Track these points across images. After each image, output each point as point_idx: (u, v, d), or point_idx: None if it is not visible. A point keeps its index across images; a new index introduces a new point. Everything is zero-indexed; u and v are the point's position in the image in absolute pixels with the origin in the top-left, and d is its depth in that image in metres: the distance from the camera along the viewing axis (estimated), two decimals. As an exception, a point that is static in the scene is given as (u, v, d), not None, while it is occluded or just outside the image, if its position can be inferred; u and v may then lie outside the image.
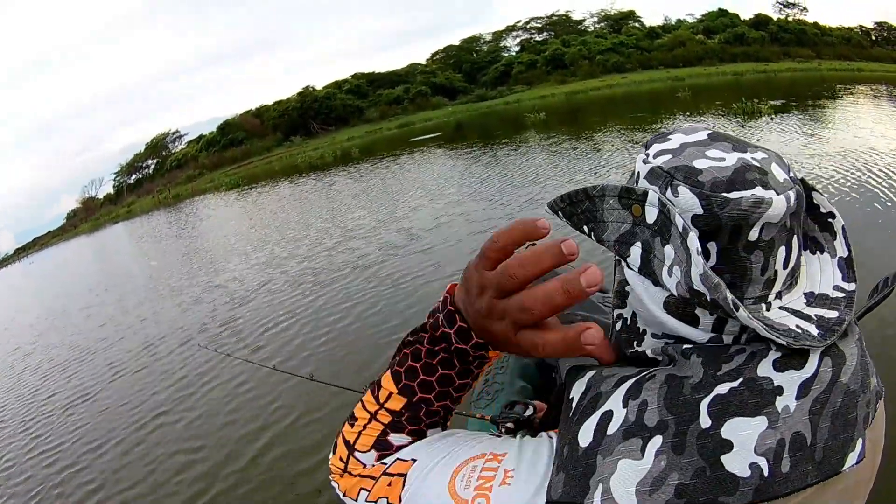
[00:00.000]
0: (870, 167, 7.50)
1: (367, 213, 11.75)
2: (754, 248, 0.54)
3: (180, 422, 4.67)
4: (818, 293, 0.61)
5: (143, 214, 33.65)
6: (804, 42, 48.08)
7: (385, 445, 0.76)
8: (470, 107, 47.36)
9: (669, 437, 0.51)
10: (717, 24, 51.15)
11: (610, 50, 51.82)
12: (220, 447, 4.05)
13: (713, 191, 0.53)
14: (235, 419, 4.41)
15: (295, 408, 4.25)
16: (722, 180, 0.54)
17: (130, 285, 11.89)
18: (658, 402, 0.53)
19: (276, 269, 9.06)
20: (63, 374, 6.93)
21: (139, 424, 4.81)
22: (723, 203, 0.52)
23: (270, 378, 4.60)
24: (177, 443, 4.32)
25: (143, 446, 4.43)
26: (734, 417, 0.50)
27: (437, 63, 59.39)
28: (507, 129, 22.88)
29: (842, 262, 0.63)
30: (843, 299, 0.59)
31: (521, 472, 0.60)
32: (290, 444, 3.84)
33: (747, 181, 0.54)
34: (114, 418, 5.13)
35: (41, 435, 5.24)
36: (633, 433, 0.53)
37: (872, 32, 49.88)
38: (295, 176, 26.05)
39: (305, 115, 55.80)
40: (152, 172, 58.90)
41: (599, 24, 56.80)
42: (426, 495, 0.65)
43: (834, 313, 0.57)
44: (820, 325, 0.55)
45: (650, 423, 0.53)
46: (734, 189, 0.53)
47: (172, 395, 5.24)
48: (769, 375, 0.51)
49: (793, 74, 34.08)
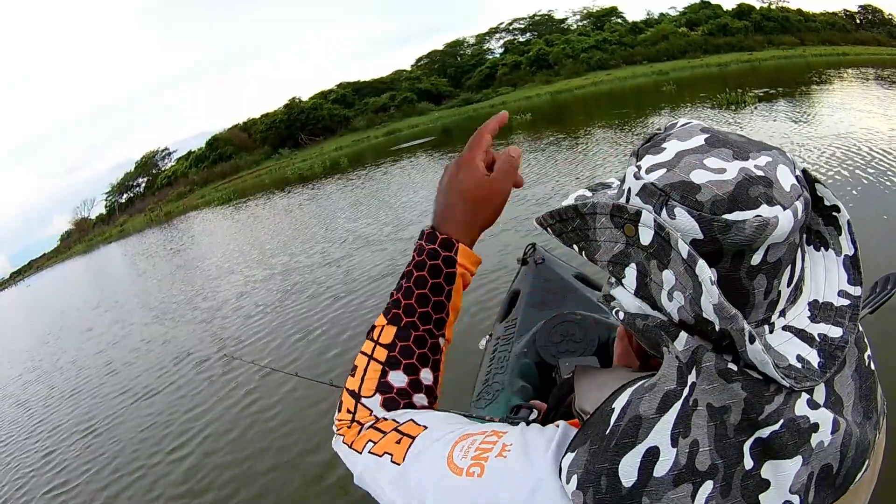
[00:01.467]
0: (854, 150, 7.71)
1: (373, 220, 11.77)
2: (757, 272, 0.52)
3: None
4: (822, 301, 0.59)
5: (136, 233, 33.60)
6: (788, 29, 48.24)
7: (387, 388, 0.80)
8: (456, 111, 47.49)
9: (719, 482, 0.50)
10: (699, 16, 51.22)
11: (593, 47, 51.92)
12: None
13: (714, 212, 0.50)
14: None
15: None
16: (723, 198, 0.50)
17: (139, 302, 11.79)
18: (709, 443, 0.51)
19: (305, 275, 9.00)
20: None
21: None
22: (724, 228, 0.50)
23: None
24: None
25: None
26: (773, 459, 0.51)
27: (422, 69, 59.60)
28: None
29: (847, 260, 0.60)
30: (847, 309, 0.58)
31: (517, 446, 0.61)
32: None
33: (750, 199, 0.50)
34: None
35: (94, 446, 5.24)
36: (685, 479, 0.51)
37: (857, 16, 50.13)
38: (287, 187, 26.16)
39: (293, 126, 55.83)
40: (143, 191, 58.82)
41: (582, 22, 56.94)
42: (426, 460, 0.67)
43: (838, 331, 0.56)
44: (822, 349, 0.55)
45: (702, 467, 0.51)
46: (736, 208, 0.50)
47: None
48: (806, 414, 0.51)
49: (777, 63, 34.28)
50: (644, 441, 0.51)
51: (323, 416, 4.26)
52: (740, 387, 0.50)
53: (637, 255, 0.55)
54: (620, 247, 0.56)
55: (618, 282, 0.59)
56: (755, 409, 0.50)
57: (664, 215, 0.52)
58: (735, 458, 0.50)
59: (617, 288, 0.59)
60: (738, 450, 0.50)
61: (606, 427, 0.54)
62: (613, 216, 0.56)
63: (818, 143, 8.63)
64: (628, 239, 0.55)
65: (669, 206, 0.52)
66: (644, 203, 0.54)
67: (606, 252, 0.57)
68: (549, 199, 8.83)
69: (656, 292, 0.54)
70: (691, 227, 0.50)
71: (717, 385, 0.51)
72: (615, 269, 0.57)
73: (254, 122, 58.28)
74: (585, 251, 0.60)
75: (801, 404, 0.51)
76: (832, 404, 0.54)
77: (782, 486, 0.50)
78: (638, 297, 0.57)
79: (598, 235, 0.58)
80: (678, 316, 0.53)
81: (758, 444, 0.50)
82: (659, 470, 0.51)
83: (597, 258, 0.59)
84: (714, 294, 0.48)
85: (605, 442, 0.53)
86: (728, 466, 0.50)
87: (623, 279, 0.57)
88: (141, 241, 26.96)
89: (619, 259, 0.57)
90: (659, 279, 0.53)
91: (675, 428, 0.51)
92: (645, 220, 0.53)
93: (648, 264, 0.54)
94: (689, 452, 0.50)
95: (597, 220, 0.57)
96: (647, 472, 0.51)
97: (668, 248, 0.51)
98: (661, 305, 0.54)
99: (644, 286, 0.55)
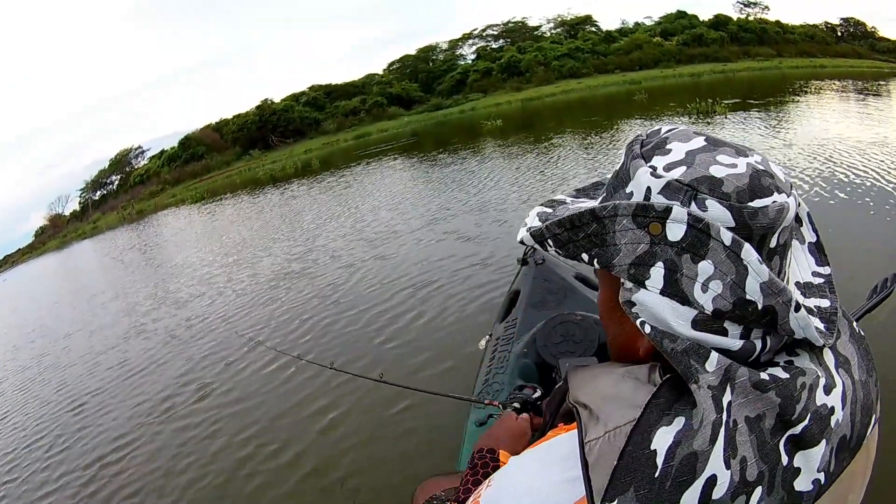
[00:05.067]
0: (818, 155, 8.12)
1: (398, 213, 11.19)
2: (774, 254, 0.57)
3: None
4: (803, 282, 0.66)
5: (109, 231, 33.12)
6: (765, 41, 48.47)
7: None
8: (426, 116, 47.08)
9: (765, 485, 0.54)
10: (675, 26, 51.22)
11: (566, 56, 51.51)
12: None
13: (740, 201, 0.54)
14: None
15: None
16: (744, 189, 0.55)
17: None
18: (755, 455, 0.54)
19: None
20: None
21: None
22: (753, 214, 0.54)
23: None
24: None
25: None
26: (803, 450, 0.56)
27: (394, 73, 58.85)
28: (463, 137, 23.20)
29: (812, 246, 0.68)
30: (825, 285, 0.65)
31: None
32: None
33: (765, 188, 0.55)
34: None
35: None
36: (740, 492, 0.53)
37: (838, 28, 50.44)
38: (258, 187, 25.66)
39: (264, 128, 54.75)
40: (116, 189, 57.56)
41: (556, 30, 56.59)
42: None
43: (826, 301, 0.64)
44: (822, 317, 0.62)
45: (751, 478, 0.54)
46: (756, 197, 0.55)
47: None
48: (825, 402, 0.57)
49: (751, 74, 34.48)
50: (703, 473, 0.53)
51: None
52: (775, 394, 0.54)
53: (664, 252, 0.55)
54: (644, 247, 0.55)
55: (639, 285, 0.57)
56: (788, 411, 0.54)
57: (694, 208, 0.54)
58: (775, 459, 0.54)
59: (639, 292, 0.57)
60: (776, 451, 0.54)
61: (654, 470, 0.53)
62: (637, 216, 0.55)
63: (786, 151, 8.81)
64: (653, 238, 0.55)
65: (699, 199, 0.54)
66: (669, 200, 0.55)
67: (628, 255, 0.56)
68: (523, 202, 8.71)
69: (688, 286, 0.55)
70: (724, 216, 0.53)
71: (752, 397, 0.54)
72: (638, 270, 0.56)
73: (226, 123, 57.06)
74: (599, 258, 0.58)
75: (820, 393, 0.56)
76: (841, 364, 0.61)
77: (811, 468, 0.56)
78: (665, 295, 0.56)
79: (618, 239, 0.57)
80: (712, 306, 0.54)
81: (790, 441, 0.55)
82: (717, 493, 0.53)
83: (615, 263, 0.57)
84: (764, 272, 0.52)
85: (659, 485, 0.53)
86: (771, 469, 0.54)
87: (647, 280, 0.56)
88: (114, 238, 26.31)
89: (643, 260, 0.56)
90: (693, 272, 0.54)
91: (726, 452, 0.53)
92: (676, 216, 0.53)
93: (679, 259, 0.54)
94: (741, 469, 0.53)
95: (617, 223, 0.56)
96: (707, 497, 0.53)
97: (705, 239, 0.53)
98: (694, 299, 0.55)
99: (673, 283, 0.55)
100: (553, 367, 2.20)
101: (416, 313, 5.38)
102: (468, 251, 6.83)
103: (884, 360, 3.08)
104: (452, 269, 6.31)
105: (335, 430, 3.78)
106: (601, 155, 11.61)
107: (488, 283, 5.60)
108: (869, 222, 5.29)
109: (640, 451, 0.54)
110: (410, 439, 3.43)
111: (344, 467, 3.35)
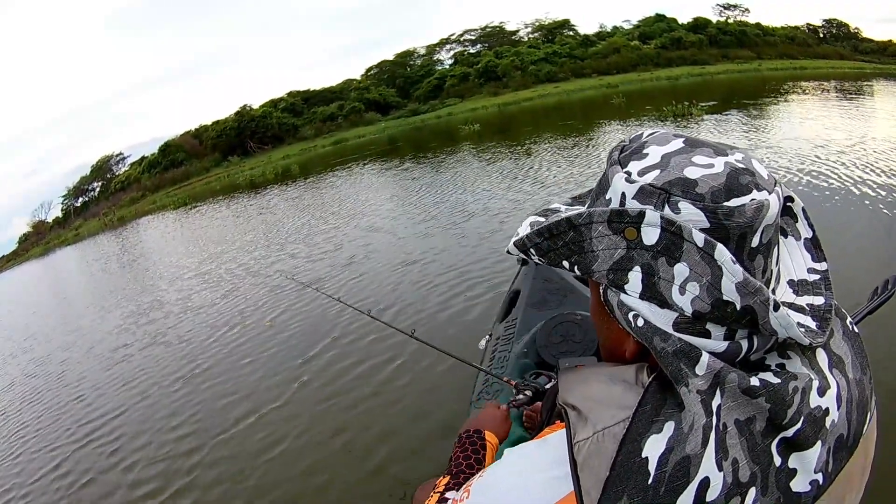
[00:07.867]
0: (795, 155, 8.38)
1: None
2: (756, 253, 0.56)
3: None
4: (798, 279, 0.65)
5: (91, 237, 33.22)
6: (745, 43, 48.49)
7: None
8: (403, 121, 46.78)
9: (759, 486, 0.55)
10: (653, 30, 51.21)
11: (543, 60, 51.24)
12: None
13: (714, 201, 0.53)
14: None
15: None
16: (719, 188, 0.54)
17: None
18: (746, 456, 0.55)
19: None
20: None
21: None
22: (728, 214, 0.53)
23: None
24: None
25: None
26: (798, 451, 0.56)
27: (372, 79, 58.44)
28: (441, 142, 23.16)
29: (808, 242, 0.67)
30: (820, 281, 0.64)
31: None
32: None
33: (742, 186, 0.54)
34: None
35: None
36: (734, 493, 0.54)
37: (820, 30, 50.57)
38: (236, 193, 25.93)
39: (243, 134, 54.12)
40: (97, 195, 57.37)
41: (534, 35, 56.38)
42: None
43: (820, 299, 0.63)
44: (814, 315, 0.61)
45: (744, 479, 0.54)
46: (733, 196, 0.54)
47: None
48: (819, 404, 0.57)
49: (730, 76, 34.54)
50: (696, 476, 0.53)
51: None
52: (764, 400, 0.54)
53: (641, 256, 0.55)
54: (621, 252, 0.56)
55: (619, 289, 0.58)
56: (779, 415, 0.54)
57: (667, 211, 0.54)
58: (767, 460, 0.55)
59: (621, 296, 0.58)
60: (768, 452, 0.55)
61: (647, 477, 0.54)
62: (612, 222, 0.55)
63: (765, 151, 8.95)
64: (629, 243, 0.55)
65: (672, 202, 0.54)
66: (643, 204, 0.55)
67: (605, 261, 0.57)
68: (518, 209, 8.57)
69: (666, 289, 0.55)
70: (698, 217, 0.53)
71: (742, 401, 0.54)
72: (616, 275, 0.57)
73: (205, 129, 56.38)
74: (579, 265, 0.59)
75: (814, 395, 0.56)
76: (835, 364, 0.61)
77: (808, 470, 0.56)
78: (644, 299, 0.56)
79: (594, 245, 0.57)
80: (691, 308, 0.54)
81: (783, 443, 0.55)
82: (711, 495, 0.53)
83: (594, 269, 0.58)
84: (738, 272, 0.51)
85: (653, 491, 0.53)
86: (763, 470, 0.55)
87: (626, 285, 0.57)
88: (97, 245, 26.26)
89: (620, 265, 0.56)
90: (669, 275, 0.54)
91: (717, 454, 0.53)
92: (650, 220, 0.54)
93: (656, 263, 0.55)
94: (733, 471, 0.54)
95: (593, 230, 0.57)
96: (701, 500, 0.53)
97: (679, 241, 0.53)
98: (673, 301, 0.55)
99: (651, 286, 0.55)
100: (553, 366, 2.18)
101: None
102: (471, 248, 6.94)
103: (883, 361, 2.91)
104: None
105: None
106: (580, 158, 11.54)
107: (488, 282, 5.61)
108: (861, 221, 5.24)
109: (631, 459, 0.54)
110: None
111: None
